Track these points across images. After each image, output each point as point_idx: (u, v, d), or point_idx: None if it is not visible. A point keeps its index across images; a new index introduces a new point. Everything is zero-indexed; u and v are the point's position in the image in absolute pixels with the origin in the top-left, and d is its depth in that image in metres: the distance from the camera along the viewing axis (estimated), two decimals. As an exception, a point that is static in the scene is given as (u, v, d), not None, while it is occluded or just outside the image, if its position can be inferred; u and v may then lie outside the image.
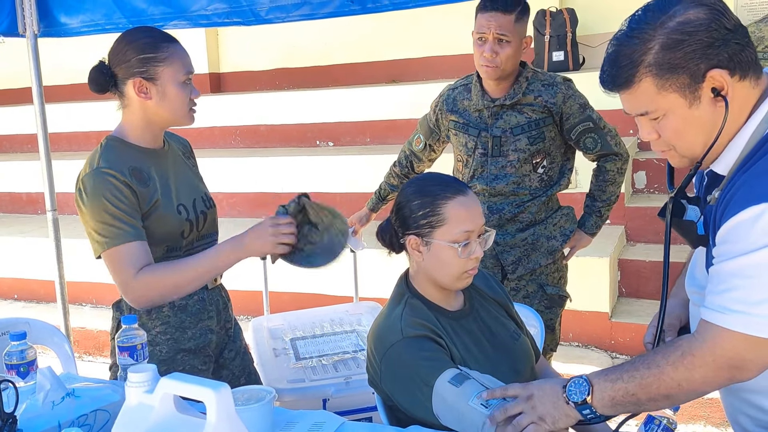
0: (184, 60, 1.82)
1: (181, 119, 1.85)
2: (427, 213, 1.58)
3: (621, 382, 1.29)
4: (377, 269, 3.38)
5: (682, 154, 1.28)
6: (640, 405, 1.28)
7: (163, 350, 1.85)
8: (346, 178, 4.81)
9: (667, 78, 1.19)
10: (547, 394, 1.35)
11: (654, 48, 1.19)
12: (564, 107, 2.39)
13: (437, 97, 2.60)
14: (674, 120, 1.23)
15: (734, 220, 1.18)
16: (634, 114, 1.28)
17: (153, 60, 1.78)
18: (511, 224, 2.44)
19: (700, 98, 1.20)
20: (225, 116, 5.79)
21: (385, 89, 5.40)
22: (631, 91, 1.24)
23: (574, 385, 1.32)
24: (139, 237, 1.73)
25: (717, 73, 1.18)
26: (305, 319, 2.95)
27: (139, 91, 1.79)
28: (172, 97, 1.80)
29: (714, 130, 1.22)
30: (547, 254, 2.47)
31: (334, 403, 2.31)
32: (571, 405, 1.31)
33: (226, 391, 0.96)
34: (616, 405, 1.29)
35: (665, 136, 1.26)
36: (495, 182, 2.43)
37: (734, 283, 1.18)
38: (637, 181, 4.44)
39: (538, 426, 1.32)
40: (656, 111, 1.23)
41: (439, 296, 1.64)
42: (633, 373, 1.28)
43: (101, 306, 4.85)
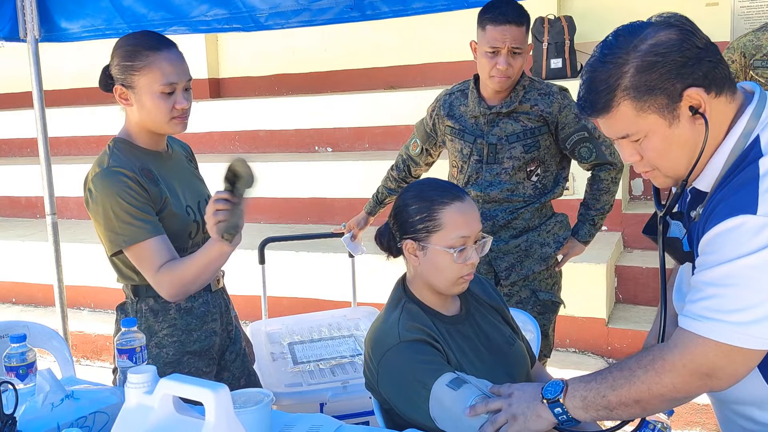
0: (165, 70, 1.77)
1: (163, 128, 1.83)
2: (424, 218, 1.59)
3: (594, 383, 1.30)
4: (375, 274, 3.39)
5: (666, 174, 1.30)
6: (611, 409, 1.28)
7: (170, 352, 1.86)
8: (344, 183, 4.83)
9: (645, 100, 1.21)
10: (526, 394, 1.38)
11: (629, 71, 1.21)
12: (560, 117, 2.41)
13: (434, 102, 2.62)
14: (655, 140, 1.24)
15: (712, 232, 1.20)
16: (614, 138, 1.29)
17: (130, 69, 1.77)
18: (505, 231, 2.46)
19: (679, 117, 1.22)
20: (224, 121, 5.81)
21: (383, 95, 5.42)
22: (610, 115, 1.25)
23: (551, 384, 1.35)
24: (159, 232, 1.75)
25: (693, 91, 1.20)
26: (303, 323, 2.96)
27: (120, 98, 1.81)
28: (149, 107, 1.79)
29: (694, 147, 1.24)
30: (540, 261, 2.49)
31: (332, 407, 2.32)
32: (544, 404, 1.33)
33: (224, 392, 0.97)
34: (587, 407, 1.29)
35: (648, 157, 1.27)
36: (489, 189, 2.45)
37: (709, 292, 1.20)
38: (634, 188, 4.46)
39: (510, 425, 1.33)
40: (637, 133, 1.24)
41: (436, 301, 1.66)
42: (606, 375, 1.30)
43: (99, 310, 4.86)
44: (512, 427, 1.34)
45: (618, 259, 4.03)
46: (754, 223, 1.15)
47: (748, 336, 1.16)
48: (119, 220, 1.73)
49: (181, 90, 1.81)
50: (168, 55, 1.79)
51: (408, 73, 5.86)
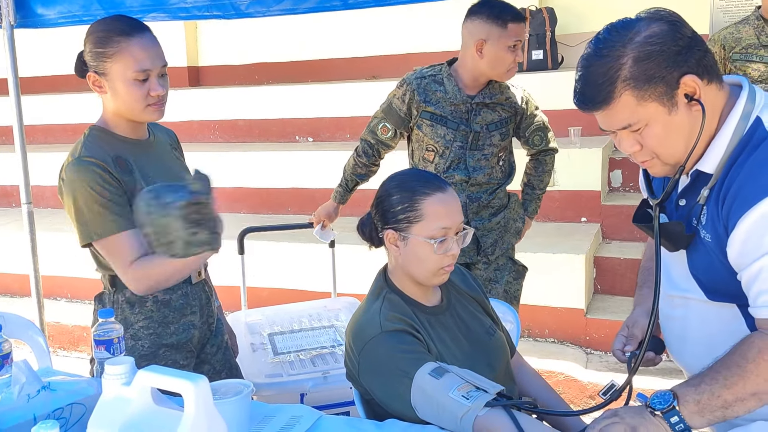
0: (137, 56, 1.73)
1: (138, 116, 1.79)
2: (405, 208, 1.59)
3: (704, 385, 1.28)
4: (355, 265, 3.39)
5: (665, 161, 1.32)
6: (726, 407, 1.26)
7: (145, 345, 1.84)
8: (325, 173, 4.80)
9: (646, 89, 1.24)
10: (631, 409, 1.33)
11: (627, 63, 1.24)
12: (526, 108, 2.65)
13: (403, 86, 2.61)
14: (656, 128, 1.27)
15: (752, 216, 1.22)
16: (615, 129, 1.31)
17: (102, 55, 1.74)
18: (486, 210, 2.66)
19: (677, 104, 1.25)
20: (203, 110, 5.76)
21: (365, 85, 5.40)
22: (611, 107, 1.27)
23: (657, 396, 1.30)
24: (131, 225, 1.71)
25: (689, 78, 1.24)
26: (283, 314, 2.95)
27: (94, 85, 1.78)
28: (123, 94, 1.75)
29: (691, 133, 1.27)
30: (515, 234, 2.77)
31: (312, 398, 2.32)
32: (658, 415, 1.28)
33: (204, 383, 0.96)
34: (702, 410, 1.26)
35: (648, 146, 1.30)
36: (474, 173, 2.59)
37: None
38: (613, 180, 4.49)
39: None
40: (638, 122, 1.27)
41: (417, 291, 1.66)
42: (714, 376, 1.28)
43: (77, 300, 4.81)
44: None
45: (597, 250, 4.06)
46: None
47: None
48: (90, 211, 1.70)
49: (156, 76, 1.77)
50: (141, 40, 1.75)
51: (390, 62, 5.83)
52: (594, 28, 1.34)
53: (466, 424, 1.39)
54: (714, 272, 1.35)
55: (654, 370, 3.43)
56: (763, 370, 1.25)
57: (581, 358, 3.59)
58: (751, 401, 1.26)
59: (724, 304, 1.35)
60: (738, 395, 1.26)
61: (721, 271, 1.33)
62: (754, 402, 1.27)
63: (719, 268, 1.33)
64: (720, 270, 1.33)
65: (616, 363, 3.43)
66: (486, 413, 1.38)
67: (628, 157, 4.66)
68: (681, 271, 1.43)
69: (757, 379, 1.25)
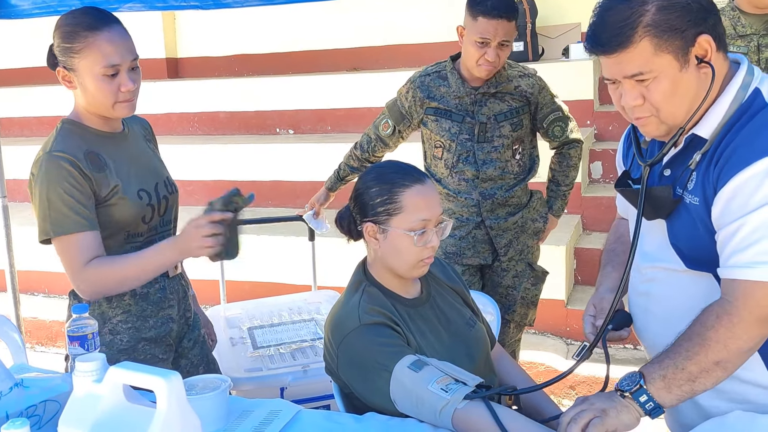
0: (105, 51, 1.68)
1: (108, 112, 1.76)
2: (384, 200, 1.58)
3: (667, 360, 1.28)
4: (336, 258, 3.38)
5: (664, 119, 1.32)
6: (693, 380, 1.26)
7: (124, 339, 1.82)
8: (306, 166, 4.78)
9: (666, 39, 1.25)
10: (601, 395, 1.33)
11: (651, 9, 1.25)
12: (539, 97, 2.54)
13: (408, 84, 2.61)
14: (665, 82, 1.27)
15: (742, 176, 1.23)
16: (624, 76, 1.29)
17: (69, 51, 1.70)
18: (502, 209, 2.57)
19: (689, 63, 1.27)
20: (183, 102, 5.69)
21: (346, 77, 5.37)
22: (628, 51, 1.27)
23: (625, 379, 1.31)
24: (91, 227, 1.69)
25: (705, 38, 1.26)
26: (263, 308, 2.93)
27: (64, 80, 1.74)
28: (93, 90, 1.71)
29: (696, 96, 1.29)
30: (533, 235, 2.65)
31: (292, 392, 2.31)
32: (627, 397, 1.28)
33: (176, 379, 0.95)
34: (669, 386, 1.27)
35: (652, 100, 1.29)
36: (484, 167, 2.51)
37: (757, 236, 1.22)
38: (593, 171, 4.51)
39: (601, 418, 1.26)
40: (650, 72, 1.27)
41: (397, 284, 1.65)
42: (676, 349, 1.28)
43: (54, 295, 4.74)
44: (606, 421, 1.26)
45: (577, 241, 4.08)
46: None
47: None
48: (52, 208, 1.68)
49: (126, 70, 1.72)
50: (109, 34, 1.70)
51: (371, 54, 5.81)
52: (574, 20, 1.33)
53: (445, 417, 1.39)
54: (696, 239, 1.34)
55: (632, 359, 3.47)
56: (723, 336, 1.25)
57: (562, 348, 3.61)
58: (716, 371, 1.26)
59: (702, 274, 1.35)
60: (702, 366, 1.26)
61: (704, 237, 1.32)
62: (720, 372, 1.27)
63: (702, 234, 1.33)
64: (703, 236, 1.33)
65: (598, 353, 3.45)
66: (465, 406, 1.38)
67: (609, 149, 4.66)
68: (657, 242, 1.43)
69: (717, 346, 1.25)
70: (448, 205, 2.56)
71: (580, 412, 1.28)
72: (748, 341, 1.25)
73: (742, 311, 1.24)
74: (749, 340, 1.26)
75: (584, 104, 4.60)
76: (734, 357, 1.26)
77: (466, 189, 2.53)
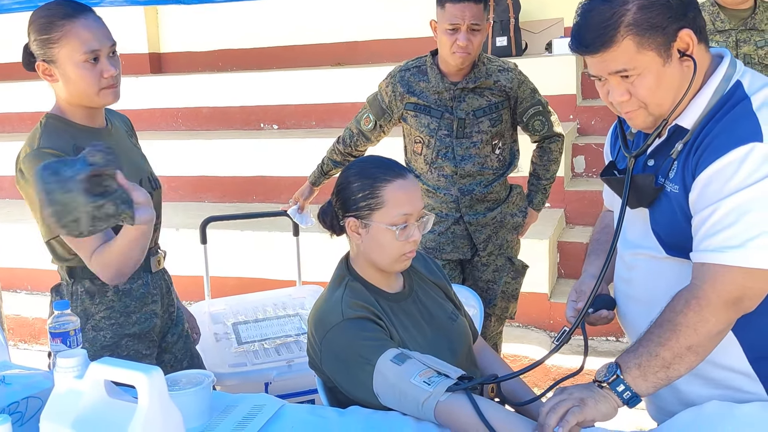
0: (84, 37, 1.68)
1: (93, 100, 1.74)
2: (366, 195, 1.59)
3: (641, 348, 1.30)
4: (320, 253, 3.38)
5: (651, 112, 1.35)
6: (667, 366, 1.28)
7: (107, 335, 1.81)
8: (290, 161, 4.78)
9: (647, 36, 1.28)
10: (580, 386, 1.34)
11: (632, 9, 1.28)
12: (519, 91, 2.54)
13: (388, 78, 2.61)
14: (649, 78, 1.30)
15: (719, 163, 1.26)
16: (609, 73, 1.33)
17: (48, 42, 1.69)
18: (481, 204, 2.58)
19: (671, 57, 1.30)
20: (166, 98, 5.66)
21: (330, 72, 5.36)
22: (611, 50, 1.30)
23: (602, 369, 1.33)
24: None
25: (686, 32, 1.29)
26: (247, 303, 2.93)
27: (44, 74, 1.73)
28: (75, 78, 1.70)
29: (679, 88, 1.32)
30: (512, 230, 2.66)
31: (276, 387, 2.31)
32: (605, 387, 1.30)
33: (158, 374, 0.95)
34: (645, 374, 1.29)
35: (639, 95, 1.33)
36: (463, 162, 2.51)
37: (728, 221, 1.25)
38: (576, 166, 4.54)
39: (580, 408, 1.27)
40: (634, 69, 1.30)
41: (379, 278, 1.66)
42: (649, 337, 1.31)
43: (37, 293, 4.71)
44: (584, 411, 1.27)
45: (560, 235, 4.11)
46: (762, 149, 1.23)
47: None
48: None
49: (106, 56, 1.72)
50: (85, 21, 1.70)
51: (355, 50, 5.80)
52: (557, 15, 1.36)
53: (427, 410, 1.40)
54: (675, 226, 1.37)
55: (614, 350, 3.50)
56: (692, 320, 1.27)
57: (545, 341, 3.64)
58: (689, 356, 1.28)
59: (681, 260, 1.37)
60: (675, 351, 1.28)
61: (682, 223, 1.35)
62: (692, 356, 1.29)
63: (681, 221, 1.35)
64: (681, 223, 1.35)
65: (579, 346, 3.48)
66: (447, 398, 1.39)
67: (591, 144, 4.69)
68: (640, 229, 1.46)
69: (687, 330, 1.27)
70: (427, 201, 2.58)
71: (559, 402, 1.30)
72: (717, 324, 1.28)
73: (710, 295, 1.27)
74: (718, 323, 1.28)
75: (567, 99, 4.63)
76: (705, 341, 1.28)
77: (445, 185, 2.55)
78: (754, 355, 1.36)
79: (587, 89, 4.86)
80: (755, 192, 1.23)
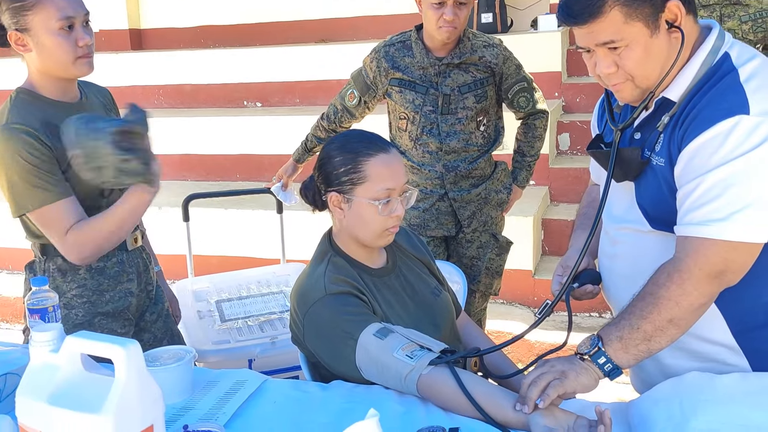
0: (59, 4, 1.65)
1: (69, 70, 1.71)
2: (348, 170, 1.57)
3: (623, 321, 1.31)
4: (305, 231, 3.36)
5: (639, 84, 1.34)
6: (648, 339, 1.29)
7: (80, 314, 1.79)
8: (274, 139, 4.73)
9: (635, 8, 1.27)
10: (562, 358, 1.35)
11: None
12: (504, 67, 2.52)
13: (372, 53, 2.58)
14: (637, 49, 1.30)
15: (705, 136, 1.25)
16: (596, 44, 1.32)
17: (21, 9, 1.65)
18: (466, 180, 2.57)
19: (659, 28, 1.29)
20: (147, 75, 5.57)
21: (314, 49, 5.31)
22: (599, 21, 1.29)
23: (583, 342, 1.34)
24: (66, 194, 1.66)
25: (674, 3, 1.28)
26: (231, 281, 2.92)
27: (17, 44, 1.69)
28: (51, 47, 1.67)
29: (667, 60, 1.31)
30: (497, 206, 2.65)
31: (260, 363, 2.31)
32: (586, 359, 1.31)
33: (135, 348, 0.93)
34: (626, 346, 1.29)
35: (626, 67, 1.32)
36: (448, 139, 2.50)
37: (713, 194, 1.25)
38: (561, 143, 4.54)
39: (561, 380, 1.28)
40: (621, 40, 1.29)
41: (362, 254, 1.65)
42: (631, 310, 1.31)
43: (18, 272, 4.66)
44: (565, 383, 1.28)
45: (545, 212, 4.12)
46: (748, 122, 1.23)
47: (753, 230, 1.24)
48: (23, 181, 1.63)
49: (80, 25, 1.69)
50: None
51: (339, 26, 5.74)
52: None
53: (410, 383, 1.40)
54: (660, 199, 1.37)
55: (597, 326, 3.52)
56: (674, 293, 1.28)
57: (529, 318, 3.66)
58: (670, 329, 1.29)
59: (665, 234, 1.37)
60: (656, 324, 1.29)
61: (667, 197, 1.35)
62: (674, 329, 1.29)
63: (666, 195, 1.35)
64: (666, 196, 1.35)
65: (563, 322, 3.51)
66: (430, 371, 1.39)
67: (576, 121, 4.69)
68: (625, 203, 1.46)
69: (669, 303, 1.28)
70: (412, 177, 2.56)
71: (540, 374, 1.30)
72: (699, 297, 1.28)
73: (692, 268, 1.27)
74: (700, 296, 1.28)
75: (552, 76, 4.61)
76: (686, 314, 1.29)
77: (429, 161, 2.53)
78: (738, 328, 1.37)
79: (573, 66, 4.85)
80: (740, 165, 1.23)
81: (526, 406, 1.28)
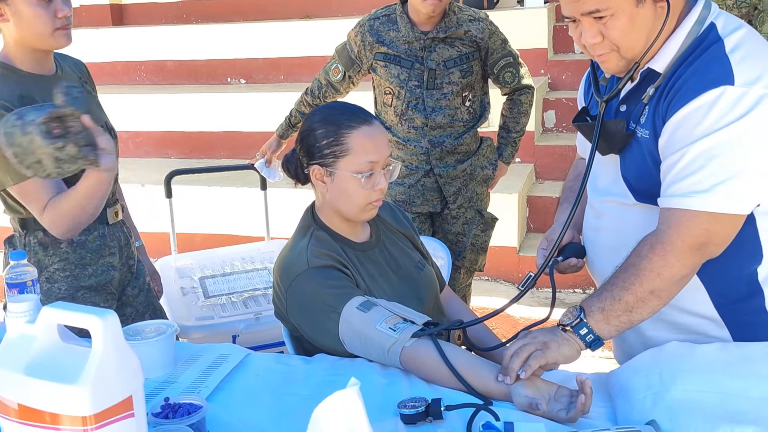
0: None
1: (46, 41, 1.68)
2: (331, 142, 1.55)
3: (605, 292, 1.31)
4: (289, 208, 3.34)
5: (624, 54, 1.33)
6: (630, 310, 1.29)
7: (62, 288, 1.78)
8: (259, 116, 4.70)
9: None
10: (544, 330, 1.35)
11: None
12: (489, 42, 2.50)
13: (357, 27, 2.55)
14: (622, 19, 1.28)
15: (689, 107, 1.25)
16: (582, 13, 1.30)
17: None
18: (452, 156, 2.55)
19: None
20: (128, 51, 5.50)
21: (298, 24, 5.25)
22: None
23: (567, 313, 1.34)
24: None
25: None
26: (215, 258, 2.90)
27: None
28: (29, 17, 1.63)
29: (652, 30, 1.30)
30: (482, 182, 2.64)
31: (244, 339, 2.30)
32: (568, 330, 1.32)
33: (113, 318, 0.92)
34: (608, 317, 1.30)
35: (611, 37, 1.30)
36: (433, 114, 2.49)
37: (696, 165, 1.24)
38: (546, 120, 4.54)
39: (543, 351, 1.29)
40: (607, 9, 1.27)
41: (345, 228, 1.64)
42: (614, 281, 1.31)
43: (0, 251, 4.62)
44: (547, 354, 1.28)
45: (530, 189, 4.13)
46: (733, 93, 1.22)
47: (736, 202, 1.24)
48: (1, 156, 1.60)
49: None
50: None
51: (323, 1, 5.68)
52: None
53: (393, 356, 1.40)
54: (645, 172, 1.36)
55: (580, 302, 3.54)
56: (656, 265, 1.28)
57: (514, 294, 3.66)
58: (651, 301, 1.30)
59: (650, 207, 1.37)
60: (638, 295, 1.29)
61: (651, 169, 1.35)
62: (655, 301, 1.30)
63: (650, 167, 1.35)
64: (651, 168, 1.35)
65: (547, 298, 3.53)
66: (413, 344, 1.39)
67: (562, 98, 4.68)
68: (610, 176, 1.45)
69: (650, 275, 1.28)
70: (397, 153, 2.55)
71: (522, 345, 1.31)
72: (681, 269, 1.28)
73: (675, 239, 1.27)
74: (682, 267, 1.28)
75: (538, 53, 4.60)
76: (668, 285, 1.29)
77: (415, 137, 2.52)
78: (720, 300, 1.38)
79: (559, 43, 4.83)
80: (724, 136, 1.22)
81: (508, 377, 1.28)
